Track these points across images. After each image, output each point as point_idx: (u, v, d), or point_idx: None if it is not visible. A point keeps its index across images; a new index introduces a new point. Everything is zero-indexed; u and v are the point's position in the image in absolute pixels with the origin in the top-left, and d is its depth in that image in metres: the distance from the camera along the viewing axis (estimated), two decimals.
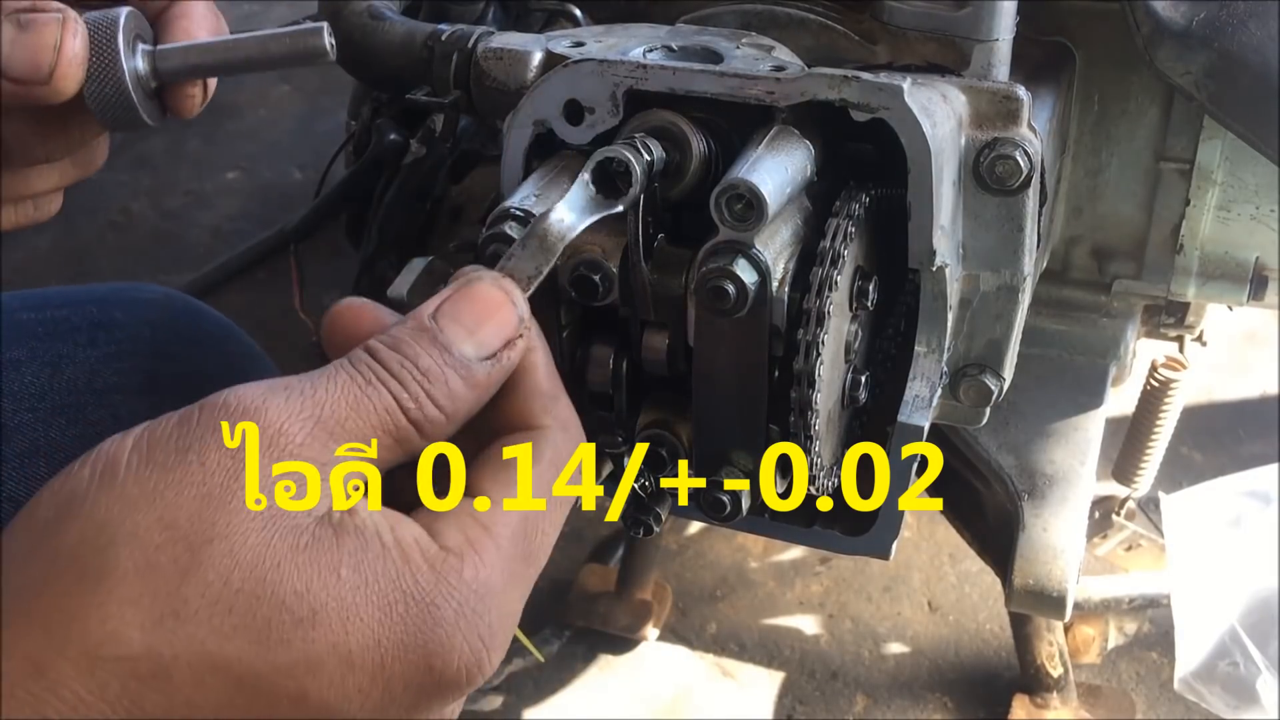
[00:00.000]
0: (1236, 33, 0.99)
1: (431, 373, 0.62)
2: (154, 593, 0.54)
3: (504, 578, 0.61)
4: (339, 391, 0.59)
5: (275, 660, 0.55)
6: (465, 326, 0.64)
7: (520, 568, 0.63)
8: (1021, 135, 0.86)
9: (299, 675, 0.55)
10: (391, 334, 0.62)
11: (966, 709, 2.00)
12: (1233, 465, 1.97)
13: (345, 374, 0.60)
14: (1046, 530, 1.24)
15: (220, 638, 0.54)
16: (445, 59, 1.03)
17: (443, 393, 0.62)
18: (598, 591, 2.14)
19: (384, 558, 0.58)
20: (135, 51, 0.78)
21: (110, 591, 0.53)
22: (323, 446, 0.58)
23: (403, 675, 0.58)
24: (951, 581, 2.19)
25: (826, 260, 0.78)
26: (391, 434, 0.61)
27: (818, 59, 0.96)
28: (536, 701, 2.04)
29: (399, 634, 0.57)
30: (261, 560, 0.55)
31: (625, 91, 0.82)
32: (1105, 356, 1.35)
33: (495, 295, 0.66)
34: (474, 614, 0.59)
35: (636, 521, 0.90)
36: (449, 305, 0.64)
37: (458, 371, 0.62)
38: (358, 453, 0.60)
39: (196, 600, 0.54)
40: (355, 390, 0.60)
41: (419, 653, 0.58)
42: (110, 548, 0.54)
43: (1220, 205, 1.20)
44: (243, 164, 3.23)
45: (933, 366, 0.90)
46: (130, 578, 0.54)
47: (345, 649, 0.56)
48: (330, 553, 0.56)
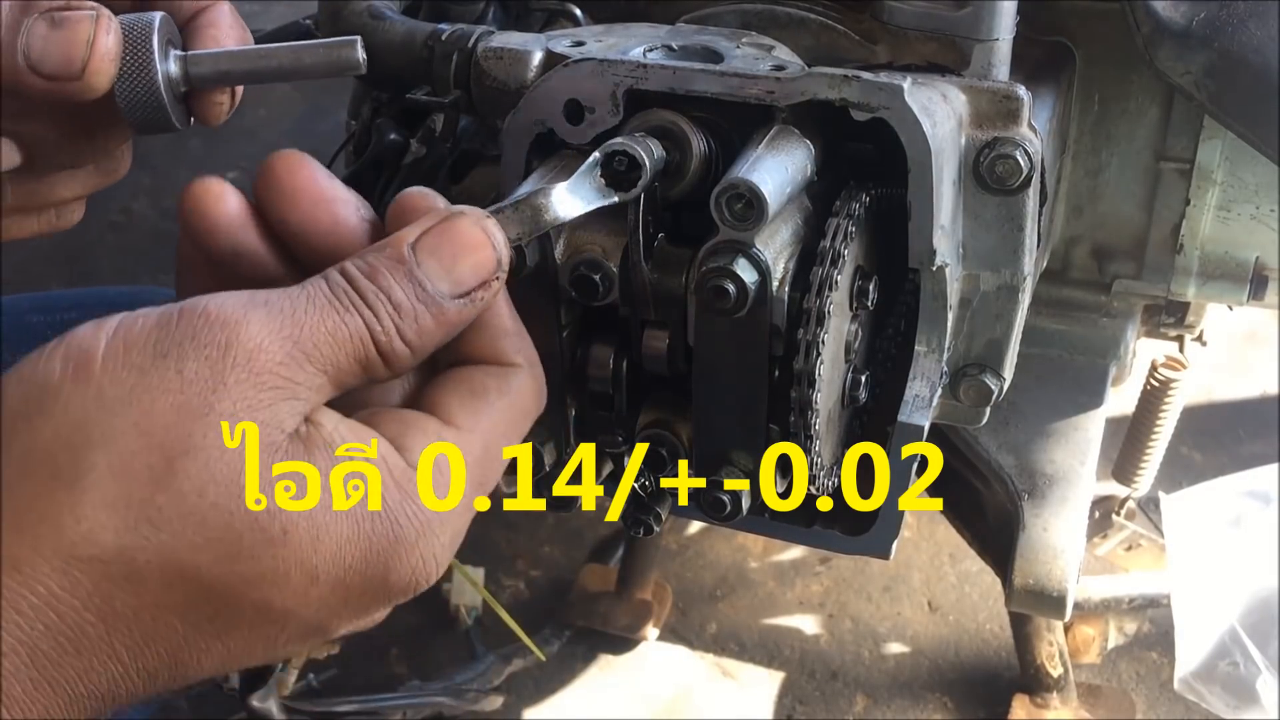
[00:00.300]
0: (1236, 33, 0.99)
1: (403, 307, 0.63)
2: (129, 498, 0.55)
3: (462, 501, 0.64)
4: (317, 315, 0.60)
5: (243, 573, 0.57)
6: (442, 263, 0.64)
7: (474, 492, 0.65)
8: (1022, 135, 0.86)
9: (265, 587, 0.58)
10: (369, 260, 0.63)
11: (966, 709, 2.00)
12: (1233, 465, 1.97)
13: (323, 297, 0.61)
14: (1046, 530, 1.24)
15: (192, 549, 0.56)
16: (445, 59, 1.02)
17: (412, 328, 0.63)
18: (598, 591, 2.14)
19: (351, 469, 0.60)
20: (168, 55, 0.78)
21: (85, 493, 0.55)
22: (299, 368, 0.59)
23: (360, 586, 0.60)
24: (951, 581, 2.19)
25: (826, 260, 0.78)
26: (360, 362, 0.62)
27: (818, 59, 0.95)
28: (536, 701, 2.04)
29: (363, 550, 0.60)
30: (236, 476, 0.56)
31: (625, 91, 0.82)
32: (1105, 356, 1.35)
33: (476, 235, 0.66)
34: (432, 534, 0.62)
35: (636, 521, 0.90)
36: (429, 239, 0.65)
37: (429, 308, 0.63)
38: (358, 452, 0.61)
39: (170, 510, 0.55)
40: (333, 316, 0.61)
41: (379, 567, 0.60)
42: (86, 449, 0.55)
43: (1220, 205, 1.20)
44: (243, 164, 3.23)
45: (933, 366, 0.90)
46: (106, 481, 0.55)
47: (312, 565, 0.58)
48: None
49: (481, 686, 1.95)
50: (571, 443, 0.89)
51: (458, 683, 1.94)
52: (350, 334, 0.61)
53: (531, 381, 0.70)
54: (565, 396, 0.87)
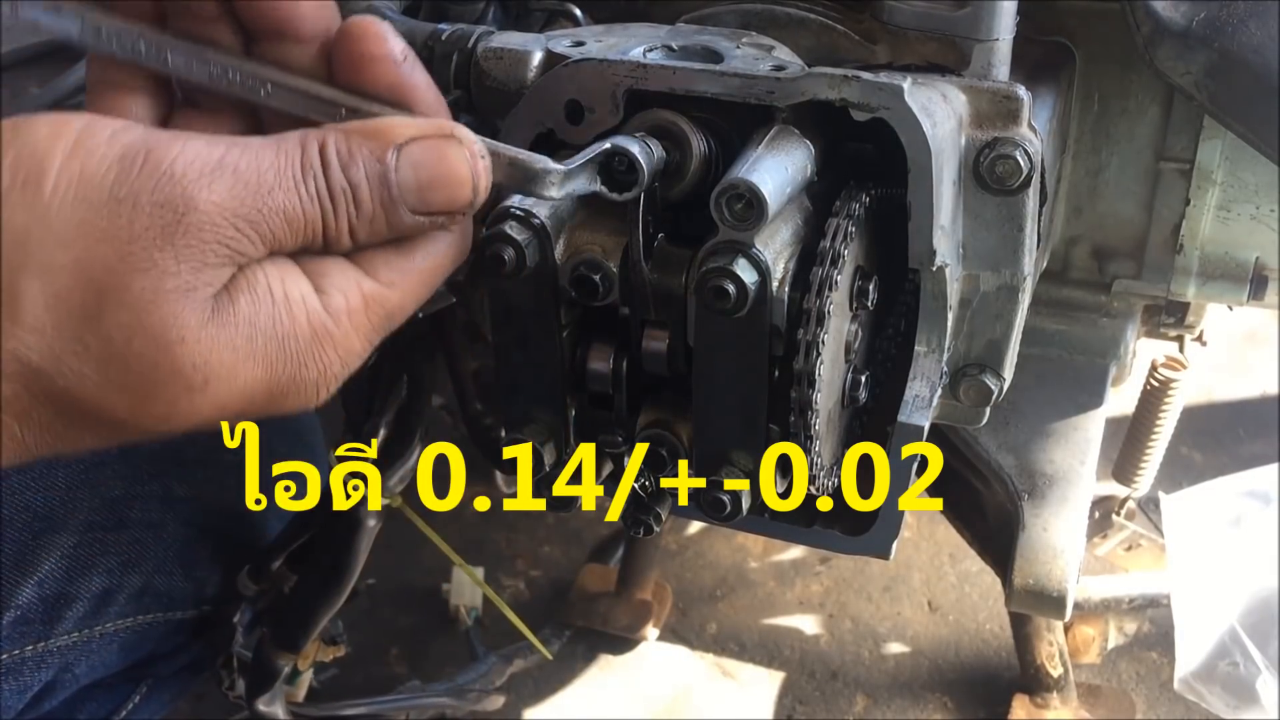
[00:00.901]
0: (1236, 33, 0.99)
1: (364, 209, 0.64)
2: (58, 330, 0.57)
3: (364, 348, 0.67)
4: (281, 197, 0.62)
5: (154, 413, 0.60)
6: (419, 180, 0.66)
7: (376, 339, 0.69)
8: (1021, 135, 0.86)
9: (174, 423, 0.62)
10: (352, 148, 0.64)
11: (966, 709, 2.00)
12: (1233, 465, 1.97)
13: (291, 180, 0.63)
14: (1046, 530, 1.24)
15: (111, 389, 0.59)
16: (445, 59, 1.02)
17: (365, 228, 0.65)
18: (598, 591, 2.14)
19: (273, 314, 0.62)
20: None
21: (16, 314, 0.57)
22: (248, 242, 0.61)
23: (255, 410, 0.65)
24: (951, 581, 2.19)
25: (826, 260, 0.78)
26: (306, 240, 0.64)
27: (818, 59, 0.95)
28: (536, 701, 2.04)
29: (269, 385, 0.63)
30: (166, 331, 0.59)
31: (625, 91, 0.82)
32: (1105, 356, 1.35)
33: (461, 170, 0.67)
34: (329, 373, 0.66)
35: (636, 521, 0.90)
36: (417, 150, 0.66)
37: (388, 215, 0.65)
38: (355, 452, 0.62)
39: (97, 348, 0.58)
40: (295, 202, 0.62)
41: (277, 397, 0.64)
42: (23, 272, 0.57)
43: (1220, 205, 1.20)
44: None
45: (933, 366, 0.90)
46: (38, 308, 0.57)
47: (222, 402, 0.62)
48: (229, 326, 0.61)
49: (484, 687, 1.95)
50: (571, 443, 0.89)
51: (460, 683, 1.94)
52: (306, 223, 0.63)
53: (460, 241, 0.72)
54: (565, 396, 0.87)
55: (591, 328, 0.86)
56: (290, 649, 1.37)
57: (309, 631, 1.35)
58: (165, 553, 1.23)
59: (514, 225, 0.78)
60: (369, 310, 0.67)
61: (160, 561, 1.23)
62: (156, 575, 1.22)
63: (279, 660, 1.38)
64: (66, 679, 1.16)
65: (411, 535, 1.40)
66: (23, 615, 1.10)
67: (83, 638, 1.16)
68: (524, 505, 0.67)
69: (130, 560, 1.19)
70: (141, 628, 1.22)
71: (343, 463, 1.22)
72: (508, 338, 0.85)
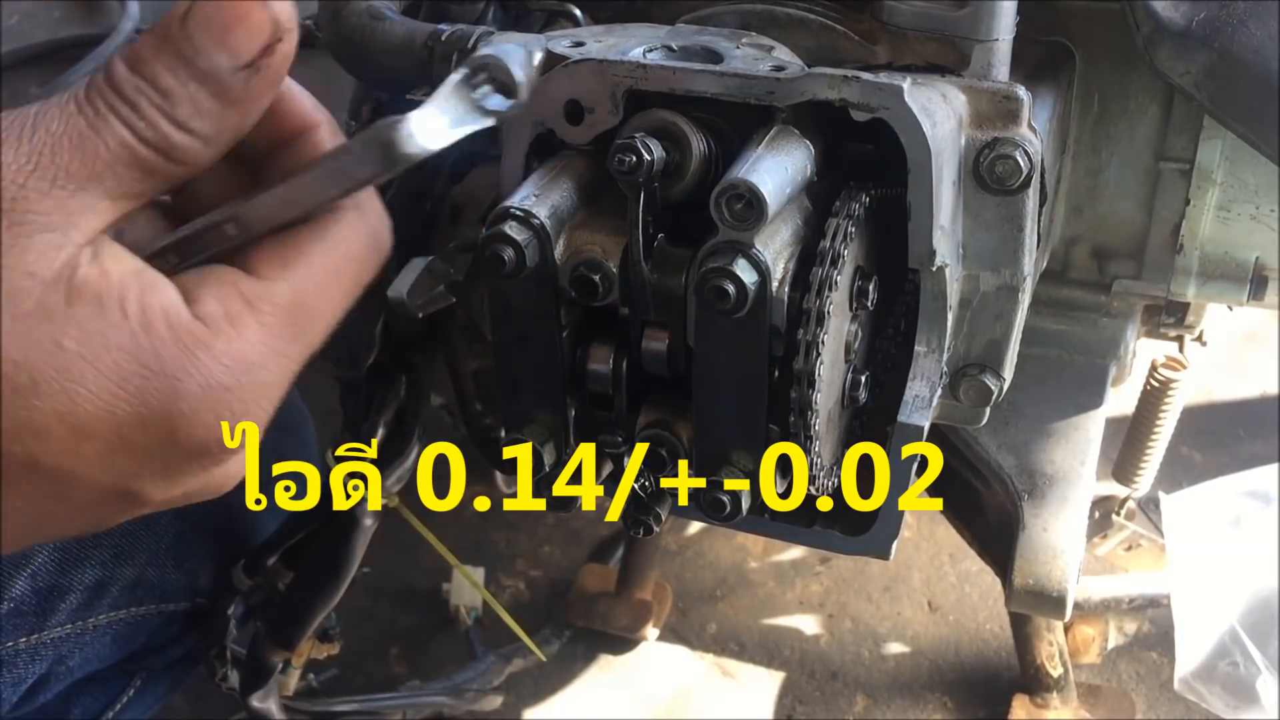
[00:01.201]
0: (1236, 33, 0.99)
1: (173, 92, 0.57)
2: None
3: (263, 353, 0.59)
4: (62, 130, 0.55)
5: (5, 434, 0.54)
6: (213, 34, 0.57)
7: (285, 345, 0.61)
8: (1021, 135, 0.86)
9: (25, 440, 0.55)
10: (132, 49, 0.57)
11: (966, 709, 2.00)
12: (1233, 465, 1.97)
13: (72, 107, 0.56)
14: (1046, 530, 1.24)
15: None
16: (445, 59, 1.02)
17: (188, 112, 0.57)
18: (598, 591, 2.14)
19: (121, 327, 0.55)
20: None
21: None
22: (46, 195, 0.54)
23: (147, 445, 0.57)
24: (951, 581, 2.19)
25: (826, 260, 0.78)
26: (134, 166, 0.57)
27: (818, 59, 0.95)
28: (536, 701, 2.04)
29: (136, 406, 0.56)
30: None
31: (625, 91, 0.82)
32: (1105, 356, 1.35)
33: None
34: (223, 389, 0.58)
35: (636, 521, 0.90)
36: (197, 11, 0.57)
37: (207, 86, 0.57)
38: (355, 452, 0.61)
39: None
40: (81, 125, 0.55)
41: (162, 425, 0.57)
42: None
43: (1220, 205, 1.20)
44: None
45: (933, 366, 0.90)
46: None
47: (73, 419, 0.55)
48: (53, 323, 0.54)
49: (481, 686, 1.95)
50: (571, 443, 0.89)
51: (457, 682, 1.94)
52: (107, 143, 0.55)
53: (359, 222, 0.63)
54: (565, 396, 0.87)
55: (591, 328, 0.86)
56: (285, 646, 1.37)
57: (304, 629, 1.35)
58: (157, 545, 1.23)
59: (514, 225, 0.78)
60: (256, 310, 0.59)
61: (153, 554, 1.23)
62: (149, 567, 1.22)
63: (273, 657, 1.38)
64: (60, 671, 1.16)
65: (412, 535, 1.40)
66: (16, 607, 1.10)
67: (76, 630, 1.16)
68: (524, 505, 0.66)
69: (122, 552, 1.19)
70: (135, 620, 1.22)
71: (342, 463, 1.22)
72: (508, 338, 0.85)
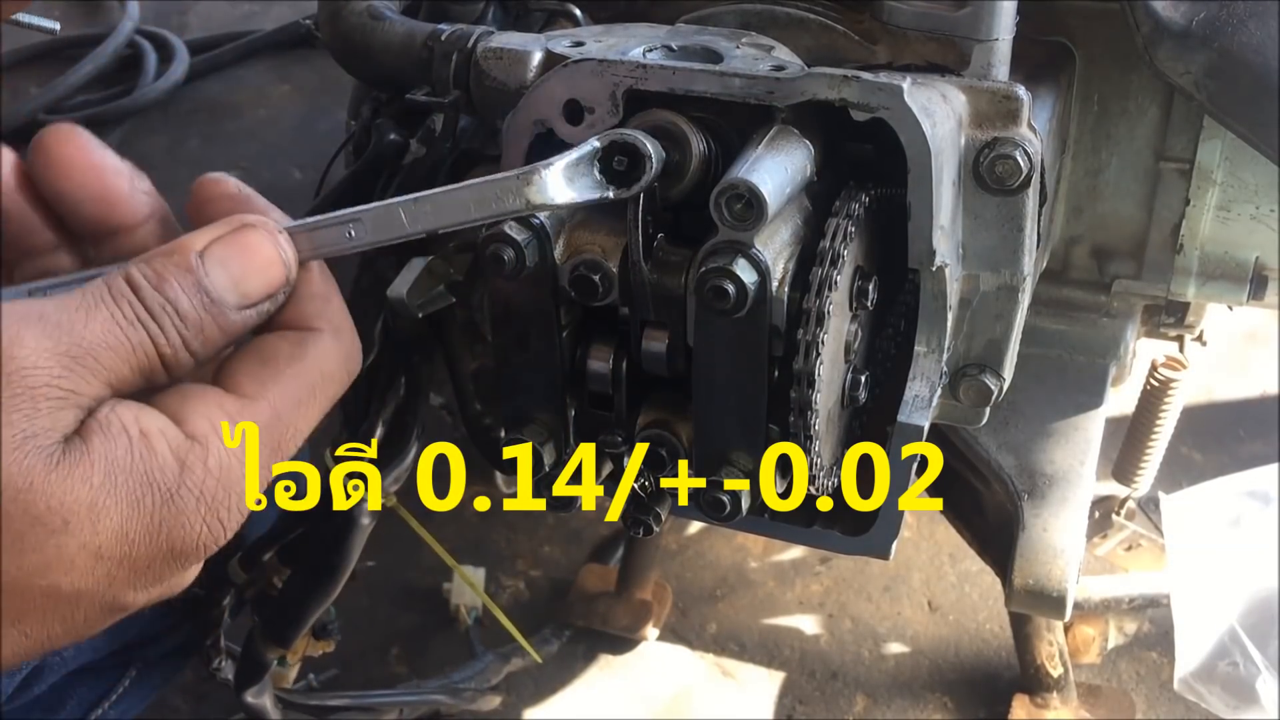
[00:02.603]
0: (1236, 33, 0.99)
1: (189, 319, 0.64)
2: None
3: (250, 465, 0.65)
4: (99, 328, 0.62)
5: (28, 565, 0.60)
6: (230, 274, 0.66)
7: (266, 456, 0.67)
8: (1021, 135, 0.86)
9: (53, 574, 0.61)
10: (156, 268, 0.64)
11: (966, 709, 1.99)
12: (1233, 465, 1.97)
13: (105, 310, 0.63)
14: (1046, 530, 1.24)
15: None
16: (445, 59, 1.02)
17: (197, 339, 0.65)
18: (598, 591, 2.14)
19: (130, 451, 0.61)
20: None
21: None
22: (80, 380, 0.61)
23: (147, 557, 0.63)
24: (951, 581, 2.19)
25: (826, 260, 0.78)
26: (142, 372, 0.64)
27: (818, 59, 0.95)
28: (536, 701, 2.04)
29: (145, 524, 0.62)
30: (14, 480, 0.58)
31: (625, 91, 0.82)
32: (1105, 356, 1.35)
33: (267, 250, 0.68)
34: (214, 500, 0.64)
35: (636, 521, 0.90)
36: (219, 249, 0.66)
37: (215, 318, 0.65)
38: (355, 452, 0.62)
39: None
40: (114, 329, 0.63)
41: (163, 539, 0.62)
42: None
43: (1220, 205, 1.20)
44: (243, 164, 3.22)
45: (933, 366, 0.90)
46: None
47: (95, 545, 0.61)
48: (82, 464, 0.60)
49: (479, 685, 1.94)
50: (571, 443, 0.89)
51: (455, 681, 1.94)
52: (134, 347, 0.63)
53: (333, 346, 0.70)
54: (565, 396, 0.87)
55: (591, 328, 0.86)
56: (280, 643, 1.37)
57: (299, 627, 1.35)
58: None
59: (513, 225, 0.78)
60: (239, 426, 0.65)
61: None
62: None
63: (268, 654, 1.38)
64: (55, 662, 1.17)
65: (412, 534, 1.40)
66: None
67: None
68: (524, 505, 0.67)
69: None
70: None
71: (342, 463, 1.22)
72: (508, 338, 0.85)
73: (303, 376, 0.68)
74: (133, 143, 3.34)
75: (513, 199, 0.70)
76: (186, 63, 3.52)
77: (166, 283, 0.64)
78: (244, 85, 3.52)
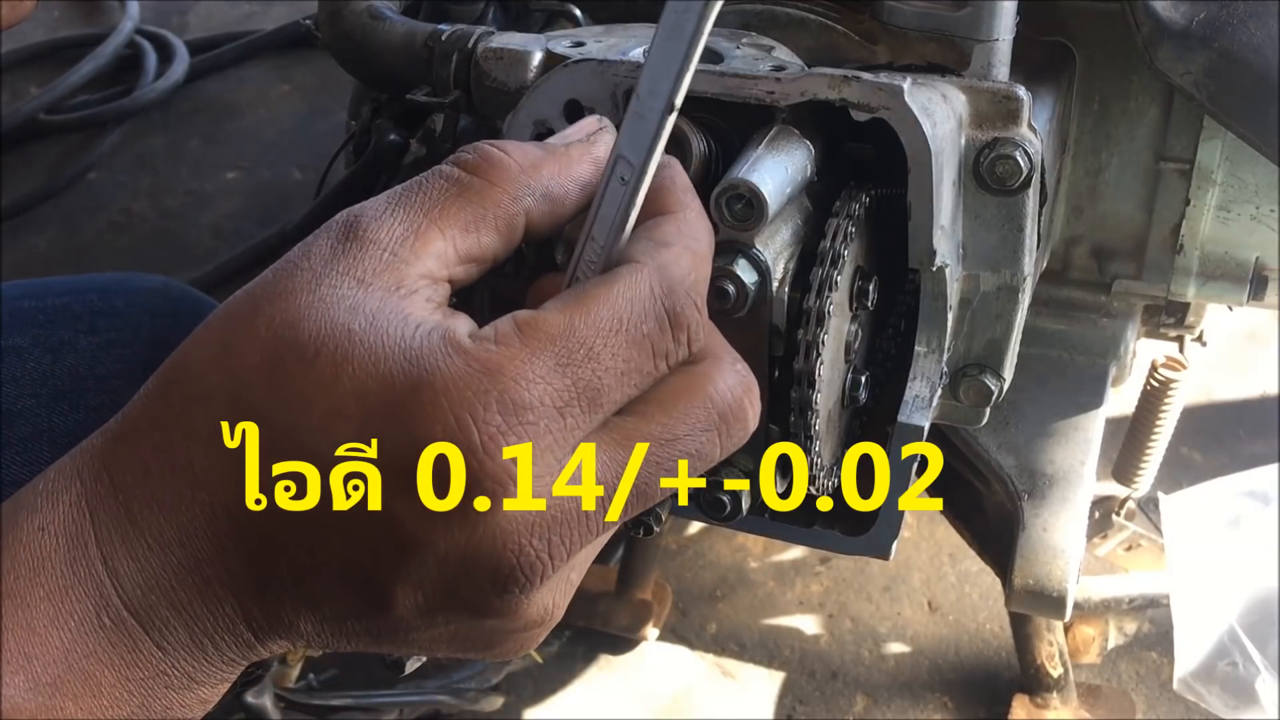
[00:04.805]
0: (1236, 33, 0.99)
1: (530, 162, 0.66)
2: (222, 327, 0.61)
3: (517, 368, 0.60)
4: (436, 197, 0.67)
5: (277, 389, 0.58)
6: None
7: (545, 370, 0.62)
8: (1021, 135, 0.86)
9: (293, 411, 0.58)
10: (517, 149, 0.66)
11: (966, 709, 2.00)
12: (1233, 465, 1.97)
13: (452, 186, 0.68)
14: (1046, 530, 1.24)
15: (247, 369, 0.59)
16: (445, 59, 1.03)
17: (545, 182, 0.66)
18: (598, 591, 2.14)
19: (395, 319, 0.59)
20: None
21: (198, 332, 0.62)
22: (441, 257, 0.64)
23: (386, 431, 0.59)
24: (951, 581, 2.19)
25: (826, 260, 0.78)
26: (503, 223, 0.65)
27: (818, 59, 0.96)
28: (536, 701, 2.04)
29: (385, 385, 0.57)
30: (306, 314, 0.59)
31: (625, 91, 0.82)
32: (1105, 356, 1.35)
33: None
34: (465, 387, 0.58)
35: (636, 521, 0.90)
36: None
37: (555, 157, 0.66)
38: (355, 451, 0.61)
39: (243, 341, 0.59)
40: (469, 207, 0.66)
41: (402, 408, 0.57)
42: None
43: (1220, 205, 1.20)
44: (243, 164, 3.23)
45: (933, 366, 0.90)
46: (214, 320, 0.62)
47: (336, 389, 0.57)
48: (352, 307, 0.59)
49: (480, 685, 1.94)
50: None
51: (455, 681, 1.94)
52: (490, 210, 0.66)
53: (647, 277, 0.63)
54: None
55: None
56: None
57: None
58: None
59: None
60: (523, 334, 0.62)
61: None
62: None
63: None
64: None
65: None
66: None
67: None
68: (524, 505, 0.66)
69: None
70: None
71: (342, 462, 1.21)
72: None
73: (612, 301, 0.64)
74: (133, 143, 3.34)
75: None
76: (186, 63, 3.52)
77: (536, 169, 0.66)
78: (244, 85, 3.52)
